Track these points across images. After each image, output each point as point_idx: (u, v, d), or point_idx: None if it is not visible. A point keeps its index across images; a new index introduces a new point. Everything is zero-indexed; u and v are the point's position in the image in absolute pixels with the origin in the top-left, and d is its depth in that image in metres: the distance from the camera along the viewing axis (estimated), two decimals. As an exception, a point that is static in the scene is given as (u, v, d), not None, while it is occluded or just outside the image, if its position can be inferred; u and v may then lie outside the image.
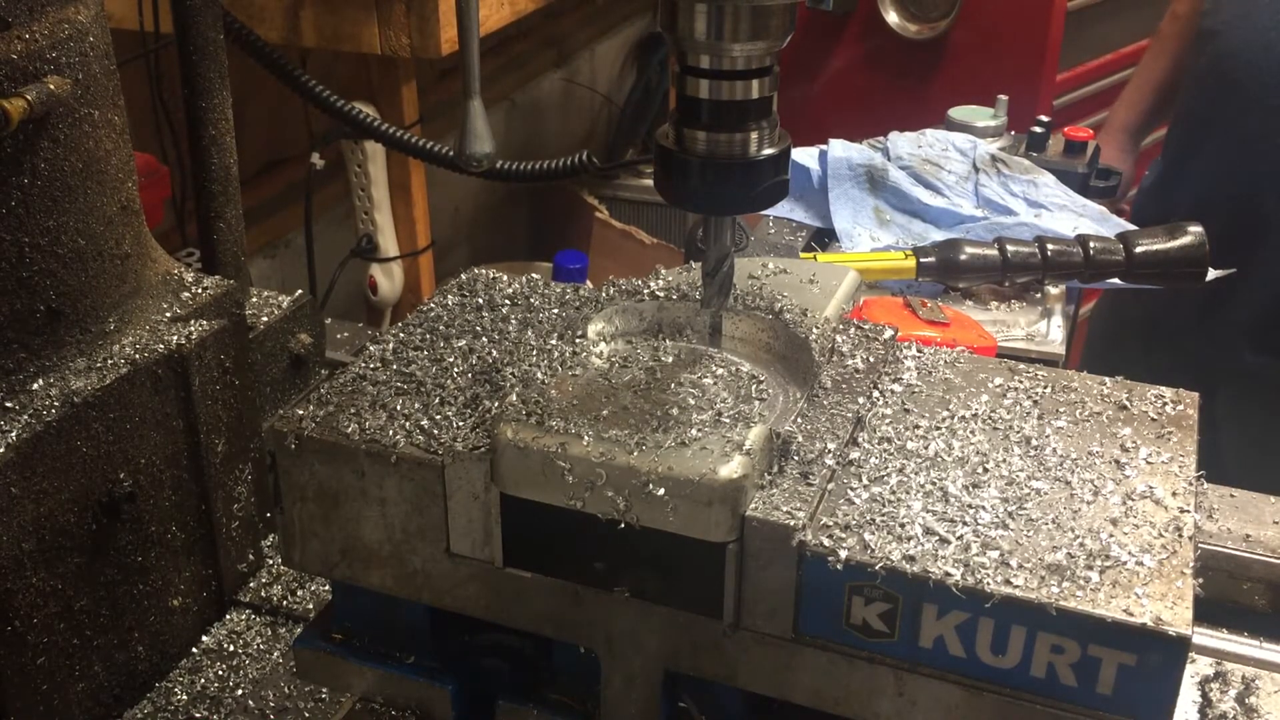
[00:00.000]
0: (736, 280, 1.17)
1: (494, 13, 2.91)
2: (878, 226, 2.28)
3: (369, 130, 1.93)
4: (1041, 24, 3.68)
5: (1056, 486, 1.04)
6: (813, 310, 1.19)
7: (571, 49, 4.83)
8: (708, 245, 1.11)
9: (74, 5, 1.22)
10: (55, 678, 1.23)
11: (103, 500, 1.25)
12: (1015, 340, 2.00)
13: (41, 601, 1.20)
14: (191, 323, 1.35)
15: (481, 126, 1.67)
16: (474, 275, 1.32)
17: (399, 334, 1.22)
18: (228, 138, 1.59)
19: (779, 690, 1.03)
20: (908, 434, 1.10)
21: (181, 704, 1.33)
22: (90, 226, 1.26)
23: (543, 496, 1.01)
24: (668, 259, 3.54)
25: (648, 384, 1.11)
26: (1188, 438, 1.12)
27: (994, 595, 0.92)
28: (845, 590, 0.96)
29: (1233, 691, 1.25)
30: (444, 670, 1.17)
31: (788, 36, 1.01)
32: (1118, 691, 0.92)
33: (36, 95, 1.15)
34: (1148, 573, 0.94)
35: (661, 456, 0.98)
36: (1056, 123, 2.56)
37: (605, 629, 1.07)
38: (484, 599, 1.09)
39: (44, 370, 1.24)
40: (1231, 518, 1.46)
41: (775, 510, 0.97)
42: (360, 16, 2.69)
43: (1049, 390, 1.18)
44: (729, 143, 1.03)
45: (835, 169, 2.33)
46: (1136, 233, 2.08)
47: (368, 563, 1.12)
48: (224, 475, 1.42)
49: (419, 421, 1.08)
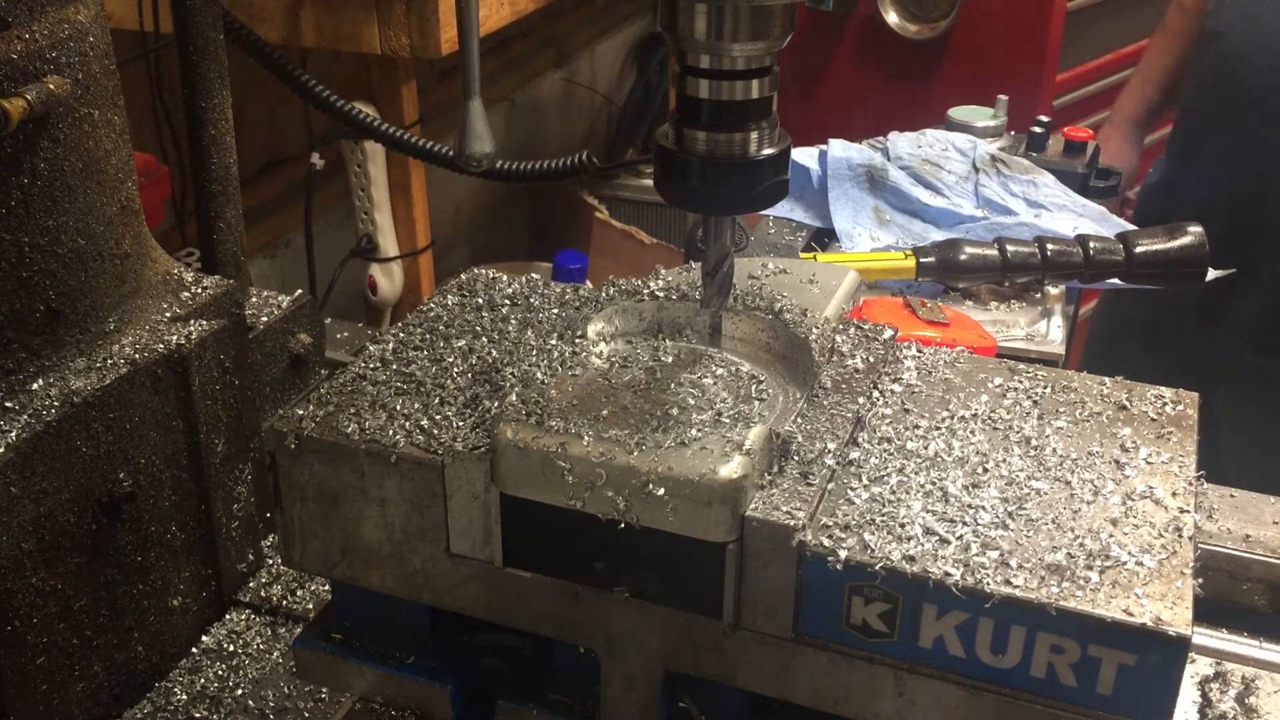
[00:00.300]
0: (736, 280, 1.17)
1: (494, 13, 2.91)
2: (878, 226, 2.28)
3: (369, 130, 1.93)
4: (1041, 24, 3.68)
5: (1056, 486, 1.04)
6: (813, 310, 1.19)
7: (571, 49, 4.83)
8: (708, 245, 1.11)
9: (74, 5, 1.22)
10: (55, 678, 1.23)
11: (102, 500, 1.25)
12: (1015, 340, 2.00)
13: (41, 601, 1.20)
14: (191, 323, 1.35)
15: (481, 126, 1.67)
16: (474, 275, 1.32)
17: (399, 334, 1.22)
18: (228, 137, 1.59)
19: (779, 690, 1.03)
20: (908, 434, 1.09)
21: (181, 704, 1.33)
22: (90, 226, 1.26)
23: (542, 496, 1.01)
24: (668, 259, 3.54)
25: (648, 384, 1.11)
26: (1188, 438, 1.12)
27: (994, 595, 0.92)
28: (845, 590, 0.96)
29: (1232, 691, 1.25)
30: (444, 670, 1.17)
31: (788, 36, 1.01)
32: (1118, 691, 0.91)
33: (36, 95, 1.15)
34: (1148, 573, 0.94)
35: (661, 456, 0.98)
36: (1056, 123, 2.56)
37: (605, 629, 1.07)
38: (484, 599, 1.09)
39: (44, 370, 1.24)
40: (1231, 518, 1.46)
41: (775, 510, 0.97)
42: (360, 16, 2.69)
43: (1049, 390, 1.18)
44: (729, 143, 1.03)
45: (835, 169, 2.33)
46: (1136, 233, 2.08)
47: (368, 563, 1.12)
48: (224, 475, 1.42)
49: (419, 421, 1.08)
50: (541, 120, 4.69)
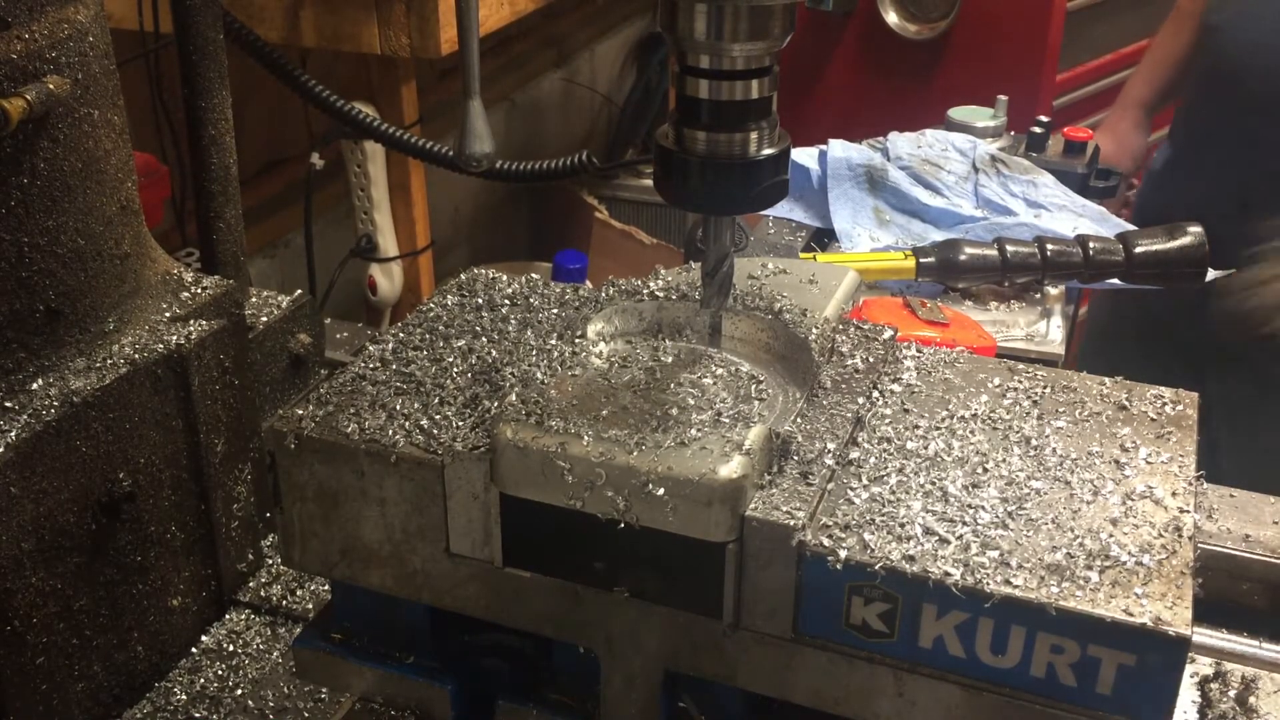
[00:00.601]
0: (736, 280, 1.17)
1: (494, 13, 2.91)
2: (877, 227, 2.28)
3: (369, 130, 1.93)
4: (1041, 24, 3.67)
5: (1056, 486, 1.04)
6: (812, 310, 1.19)
7: (571, 49, 4.83)
8: (707, 245, 1.11)
9: (73, 5, 1.22)
10: (55, 678, 1.23)
11: (102, 500, 1.25)
12: (1015, 340, 2.00)
13: (41, 601, 1.20)
14: (191, 323, 1.35)
15: (481, 126, 1.67)
16: (473, 275, 1.32)
17: (398, 334, 1.22)
18: (227, 137, 1.59)
19: (779, 690, 1.03)
20: (907, 434, 1.09)
21: (181, 704, 1.33)
22: (90, 226, 1.26)
23: (542, 496, 1.01)
24: (667, 259, 3.54)
25: (647, 384, 1.11)
26: (1187, 438, 1.12)
27: (994, 595, 0.92)
28: (845, 590, 0.96)
29: (1232, 691, 1.25)
30: (444, 670, 1.17)
31: (788, 36, 1.01)
32: (1117, 691, 0.91)
33: (36, 95, 1.15)
34: (1147, 573, 0.94)
35: (661, 456, 0.98)
36: (1056, 123, 2.56)
37: (605, 629, 1.07)
38: (484, 599, 1.09)
39: (43, 370, 1.24)
40: (1231, 518, 1.46)
41: (775, 510, 0.97)
42: (360, 16, 2.69)
43: (1049, 390, 1.18)
44: (729, 143, 1.03)
45: (835, 169, 2.33)
46: (1136, 233, 2.08)
47: (367, 562, 1.12)
48: (223, 475, 1.42)
49: (418, 421, 1.08)
50: (541, 120, 4.69)
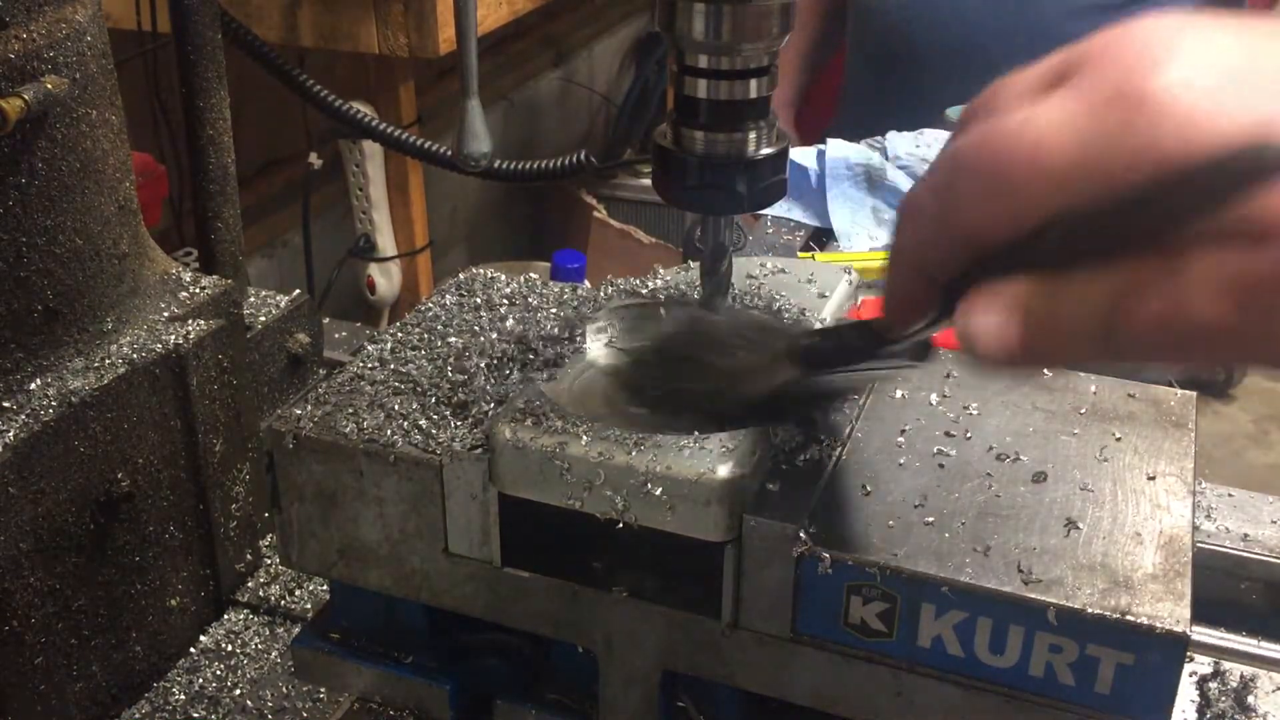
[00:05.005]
0: (734, 280, 1.17)
1: (492, 12, 2.91)
2: (876, 226, 2.28)
3: (367, 130, 1.92)
4: (1039, 23, 3.67)
5: (1055, 486, 1.04)
6: (811, 310, 1.19)
7: (569, 48, 4.83)
8: (705, 245, 1.11)
9: (71, 5, 1.22)
10: (53, 678, 1.23)
11: (100, 500, 1.25)
12: (1013, 340, 2.00)
13: (39, 601, 1.19)
14: (189, 322, 1.35)
15: (479, 126, 1.67)
16: (472, 275, 1.32)
17: (397, 333, 1.22)
18: (226, 137, 1.59)
19: (777, 690, 1.03)
20: (905, 433, 1.09)
21: (179, 704, 1.33)
22: (88, 226, 1.26)
23: (541, 496, 1.01)
24: (666, 258, 3.55)
25: (646, 383, 1.11)
26: (1187, 437, 1.12)
27: (992, 595, 0.92)
28: (843, 590, 0.96)
29: (1231, 690, 1.25)
30: (442, 670, 1.17)
31: (786, 36, 1.01)
32: (1116, 690, 0.91)
33: (34, 95, 1.15)
34: (1146, 572, 0.94)
35: (660, 456, 0.98)
36: (1054, 122, 2.55)
37: (603, 629, 1.07)
38: (482, 599, 1.09)
39: (41, 370, 1.24)
40: (1230, 517, 1.46)
41: (773, 510, 0.97)
42: (358, 16, 2.69)
43: (1048, 390, 1.18)
44: (727, 142, 1.03)
45: (833, 168, 2.33)
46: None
47: (366, 562, 1.12)
48: (222, 475, 1.41)
49: (417, 421, 1.08)
50: (539, 120, 4.69)
